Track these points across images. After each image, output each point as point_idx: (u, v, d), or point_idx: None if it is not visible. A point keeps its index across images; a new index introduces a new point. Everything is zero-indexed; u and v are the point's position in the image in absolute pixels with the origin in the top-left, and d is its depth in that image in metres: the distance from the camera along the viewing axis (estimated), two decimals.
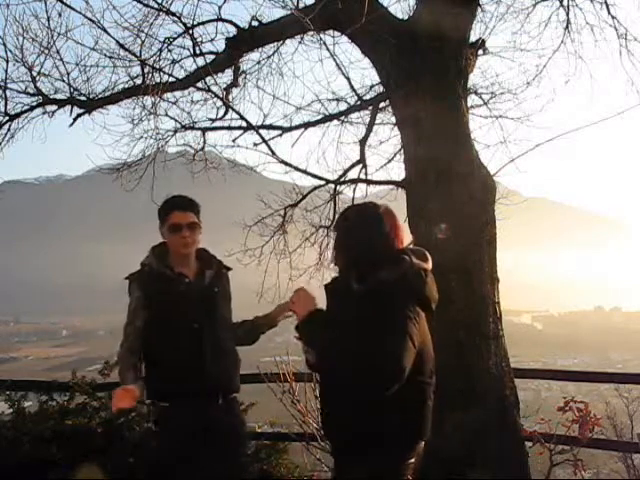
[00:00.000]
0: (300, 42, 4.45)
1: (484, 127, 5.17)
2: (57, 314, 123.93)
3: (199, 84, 4.38)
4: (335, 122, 5.36)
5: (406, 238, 2.08)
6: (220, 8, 4.07)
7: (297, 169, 4.09)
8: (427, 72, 3.44)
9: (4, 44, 3.90)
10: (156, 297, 2.51)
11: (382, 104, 5.06)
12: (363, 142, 5.15)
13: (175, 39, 4.23)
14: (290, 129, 5.13)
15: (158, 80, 4.09)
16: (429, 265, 2.00)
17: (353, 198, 5.06)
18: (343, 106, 5.29)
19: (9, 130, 4.34)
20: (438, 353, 3.31)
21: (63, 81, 4.17)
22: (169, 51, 4.25)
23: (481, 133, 5.38)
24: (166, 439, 2.49)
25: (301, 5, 3.70)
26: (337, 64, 4.31)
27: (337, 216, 2.19)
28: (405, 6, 6.57)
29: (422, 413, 1.93)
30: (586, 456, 3.61)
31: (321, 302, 2.06)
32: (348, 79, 4.71)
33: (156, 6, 3.80)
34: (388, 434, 1.86)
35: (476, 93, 5.12)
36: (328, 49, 4.17)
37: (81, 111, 4.28)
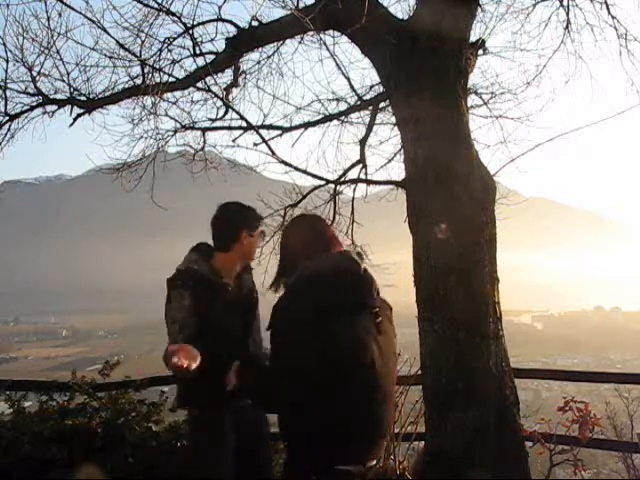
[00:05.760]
0: (300, 42, 4.46)
1: (484, 127, 5.17)
2: (57, 314, 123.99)
3: (199, 84, 4.37)
4: (335, 122, 5.35)
5: (337, 246, 1.98)
6: (220, 8, 4.08)
7: (297, 169, 4.08)
8: (427, 72, 3.43)
9: (4, 44, 3.89)
10: (204, 305, 2.43)
11: (382, 104, 5.05)
12: (363, 142, 5.13)
13: (175, 39, 4.24)
14: (290, 129, 5.11)
15: (158, 80, 4.09)
16: (348, 266, 1.87)
17: (353, 198, 5.05)
18: (343, 106, 5.29)
19: (9, 130, 4.34)
20: (438, 353, 3.35)
21: (63, 81, 4.17)
22: (169, 51, 4.26)
23: (481, 133, 5.39)
24: (216, 445, 2.57)
25: (301, 5, 3.69)
26: (337, 64, 4.31)
27: None
28: (405, 6, 6.57)
29: (347, 415, 1.78)
30: (586, 456, 3.60)
31: None
32: (348, 79, 4.70)
33: (156, 6, 3.80)
34: (302, 437, 1.80)
35: (476, 93, 5.11)
36: (328, 49, 4.17)
37: (81, 111, 4.28)
